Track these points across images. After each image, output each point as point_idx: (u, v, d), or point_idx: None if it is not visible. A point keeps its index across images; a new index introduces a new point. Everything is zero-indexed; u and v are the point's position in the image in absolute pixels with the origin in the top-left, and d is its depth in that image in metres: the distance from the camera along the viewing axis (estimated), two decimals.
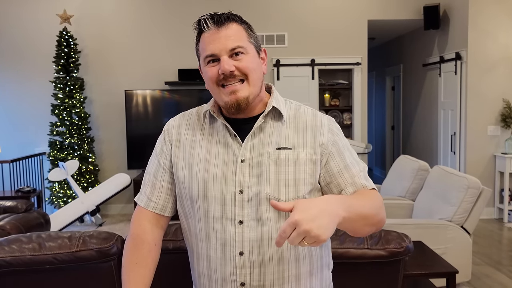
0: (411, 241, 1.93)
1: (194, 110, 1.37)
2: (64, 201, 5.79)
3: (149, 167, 1.36)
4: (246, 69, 1.19)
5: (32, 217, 3.26)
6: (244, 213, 1.20)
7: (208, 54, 1.20)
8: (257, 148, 1.23)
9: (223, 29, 1.19)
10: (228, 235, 1.20)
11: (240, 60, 1.19)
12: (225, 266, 1.21)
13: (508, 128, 5.76)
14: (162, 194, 1.31)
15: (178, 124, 1.34)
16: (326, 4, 6.40)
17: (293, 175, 1.21)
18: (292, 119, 1.28)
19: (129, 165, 6.09)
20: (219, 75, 1.19)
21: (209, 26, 1.20)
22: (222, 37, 1.18)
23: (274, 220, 1.21)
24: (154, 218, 1.32)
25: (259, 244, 1.20)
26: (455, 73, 5.99)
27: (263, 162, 1.21)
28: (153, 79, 6.31)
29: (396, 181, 4.51)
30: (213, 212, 1.22)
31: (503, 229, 5.37)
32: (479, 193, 3.42)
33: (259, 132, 1.25)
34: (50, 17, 6.13)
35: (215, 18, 1.20)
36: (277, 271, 1.21)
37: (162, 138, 1.35)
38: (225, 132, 1.26)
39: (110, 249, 1.81)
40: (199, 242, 1.25)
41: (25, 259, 1.76)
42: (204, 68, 1.23)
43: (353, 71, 6.52)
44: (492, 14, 5.72)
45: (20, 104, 6.26)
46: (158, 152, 1.34)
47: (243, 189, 1.20)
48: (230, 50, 1.18)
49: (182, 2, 6.30)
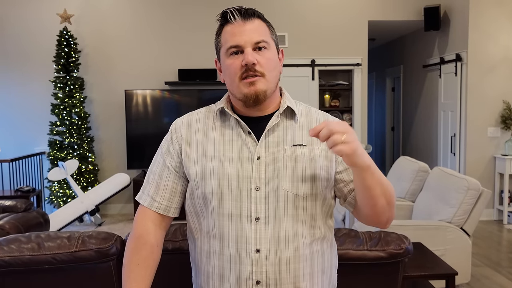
0: (410, 243, 1.93)
1: (202, 109, 1.37)
2: (63, 201, 5.78)
3: (153, 166, 1.35)
4: (267, 64, 1.22)
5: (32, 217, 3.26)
6: (260, 210, 1.20)
7: (232, 45, 1.21)
8: (272, 146, 1.24)
9: (248, 23, 1.22)
10: (244, 232, 1.20)
11: (262, 55, 1.21)
12: (240, 264, 1.20)
13: (508, 129, 5.76)
14: (166, 194, 1.30)
15: (188, 123, 1.33)
16: (327, 4, 6.40)
17: (309, 171, 1.24)
18: (305, 118, 1.31)
19: (129, 165, 6.09)
20: (242, 66, 1.20)
21: (236, 18, 1.22)
22: (247, 30, 1.21)
23: (291, 217, 1.22)
24: (158, 219, 1.31)
25: (276, 241, 1.20)
26: (455, 74, 5.99)
27: (279, 158, 1.23)
28: (153, 79, 6.31)
29: (395, 182, 4.51)
30: (228, 209, 1.21)
31: (503, 231, 5.37)
32: (479, 194, 3.42)
33: (273, 130, 1.26)
34: (51, 16, 6.13)
35: (242, 11, 1.22)
36: (293, 269, 1.21)
37: (169, 138, 1.34)
38: (238, 129, 1.26)
39: (109, 250, 1.81)
40: (212, 241, 1.24)
41: (24, 259, 1.76)
42: (226, 60, 1.24)
43: (353, 72, 6.52)
44: (492, 16, 5.72)
45: (20, 103, 6.26)
46: (164, 151, 1.33)
47: (260, 185, 1.21)
48: (255, 43, 1.21)
49: (182, 2, 6.30)
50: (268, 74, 1.22)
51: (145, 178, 1.36)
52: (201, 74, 6.16)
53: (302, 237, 1.23)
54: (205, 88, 6.26)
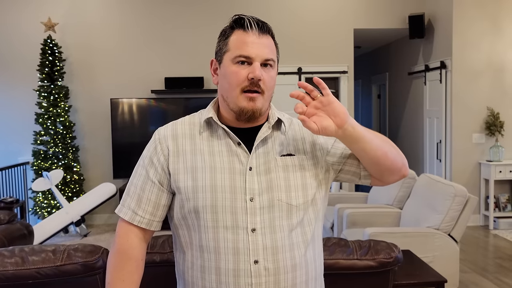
0: (400, 251, 1.93)
1: (185, 118, 1.33)
2: (48, 212, 5.69)
3: (134, 178, 1.30)
4: (269, 83, 1.22)
5: (15, 229, 3.19)
6: (256, 221, 1.19)
7: (243, 55, 1.19)
8: (263, 156, 1.24)
9: (264, 37, 1.22)
10: (241, 244, 1.18)
11: (267, 73, 1.21)
12: (238, 277, 1.18)
13: (492, 136, 5.83)
14: (149, 208, 1.26)
15: (173, 133, 1.28)
16: (313, 13, 6.44)
17: (300, 180, 1.25)
18: (288, 128, 1.32)
19: (115, 174, 6.02)
20: (247, 79, 1.18)
21: (253, 28, 1.21)
22: (262, 44, 1.20)
23: (286, 226, 1.22)
24: (141, 232, 1.28)
25: (273, 251, 1.19)
26: (440, 81, 6.05)
27: (271, 169, 1.23)
28: (139, 88, 6.27)
29: (383, 189, 4.53)
30: (223, 221, 1.19)
31: (489, 236, 5.41)
32: (465, 201, 3.44)
33: (263, 141, 1.26)
34: (35, 25, 6.06)
35: (260, 24, 1.22)
36: (291, 278, 1.21)
37: (152, 148, 1.29)
38: (227, 139, 1.25)
39: (96, 263, 1.77)
40: (206, 255, 1.21)
41: (8, 274, 1.71)
42: (230, 66, 1.21)
43: (340, 79, 6.56)
44: (476, 24, 5.80)
45: (3, 112, 6.16)
46: (146, 163, 1.28)
47: (254, 196, 1.20)
48: (265, 59, 1.20)
49: (168, 11, 6.28)
50: (267, 92, 1.22)
51: (125, 190, 1.32)
52: (188, 82, 6.14)
53: (297, 246, 1.23)
54: (192, 96, 6.24)
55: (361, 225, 3.99)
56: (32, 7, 6.12)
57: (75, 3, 6.18)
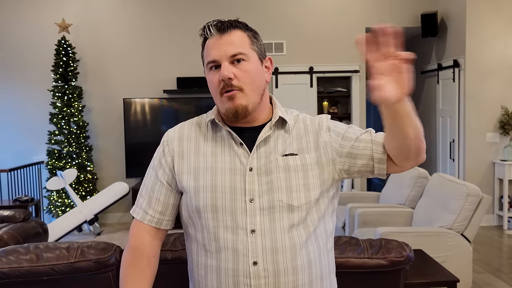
0: (411, 250, 1.92)
1: (194, 120, 1.35)
2: (62, 210, 5.76)
3: (146, 179, 1.34)
4: (244, 77, 1.19)
5: (30, 227, 3.24)
6: (256, 222, 1.19)
7: (210, 60, 1.21)
8: (264, 156, 1.23)
9: (225, 36, 1.20)
10: (240, 245, 1.18)
11: (240, 68, 1.19)
12: (238, 278, 1.18)
13: (506, 135, 5.76)
14: (158, 207, 1.30)
15: (179, 135, 1.31)
16: (325, 11, 6.43)
17: (302, 180, 1.22)
18: (293, 126, 1.29)
19: (128, 173, 6.08)
20: (220, 82, 1.19)
21: (212, 33, 1.21)
22: (223, 43, 1.19)
23: (287, 228, 1.20)
24: (153, 230, 1.31)
25: (273, 252, 1.19)
26: (453, 80, 6.00)
27: (272, 169, 1.22)
28: (151, 88, 6.31)
29: (395, 189, 4.50)
30: (223, 222, 1.20)
31: (503, 236, 5.35)
32: (478, 200, 3.41)
33: (264, 141, 1.25)
34: (49, 26, 6.14)
35: (218, 25, 1.21)
36: (292, 280, 1.20)
37: (160, 151, 1.33)
38: (230, 140, 1.25)
39: (109, 260, 1.80)
40: (208, 254, 1.23)
41: (23, 271, 1.75)
42: (207, 75, 1.24)
43: (352, 78, 6.53)
44: (489, 22, 5.74)
45: (18, 112, 6.26)
46: (156, 164, 1.32)
47: (254, 197, 1.20)
48: (230, 56, 1.19)
49: (181, 11, 6.32)
50: (246, 87, 1.19)
51: (139, 191, 1.36)
52: (199, 82, 6.17)
53: (299, 247, 1.21)
54: (204, 96, 6.26)
55: (373, 224, 3.97)
56: (47, 9, 6.19)
57: (88, 5, 6.25)
